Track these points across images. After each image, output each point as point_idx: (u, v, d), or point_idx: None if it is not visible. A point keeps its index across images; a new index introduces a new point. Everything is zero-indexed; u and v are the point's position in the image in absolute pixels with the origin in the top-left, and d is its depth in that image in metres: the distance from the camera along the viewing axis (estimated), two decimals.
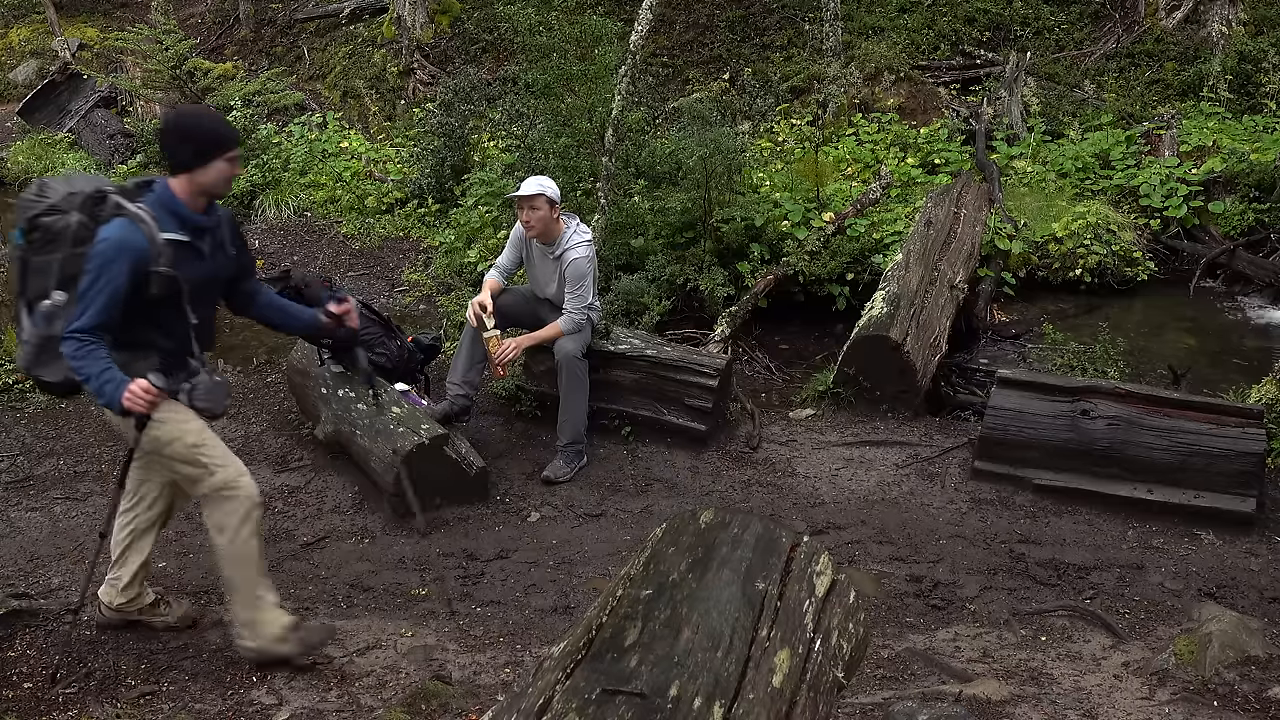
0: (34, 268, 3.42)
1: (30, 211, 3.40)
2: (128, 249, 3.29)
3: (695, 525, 2.32)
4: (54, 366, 3.41)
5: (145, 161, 11.38)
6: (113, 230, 3.30)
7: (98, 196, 3.38)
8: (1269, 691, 3.35)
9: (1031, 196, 8.65)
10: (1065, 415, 5.14)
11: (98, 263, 3.27)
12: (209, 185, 3.45)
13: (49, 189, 3.44)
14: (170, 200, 3.42)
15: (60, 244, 3.37)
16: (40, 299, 3.41)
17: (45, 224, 3.38)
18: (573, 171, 7.87)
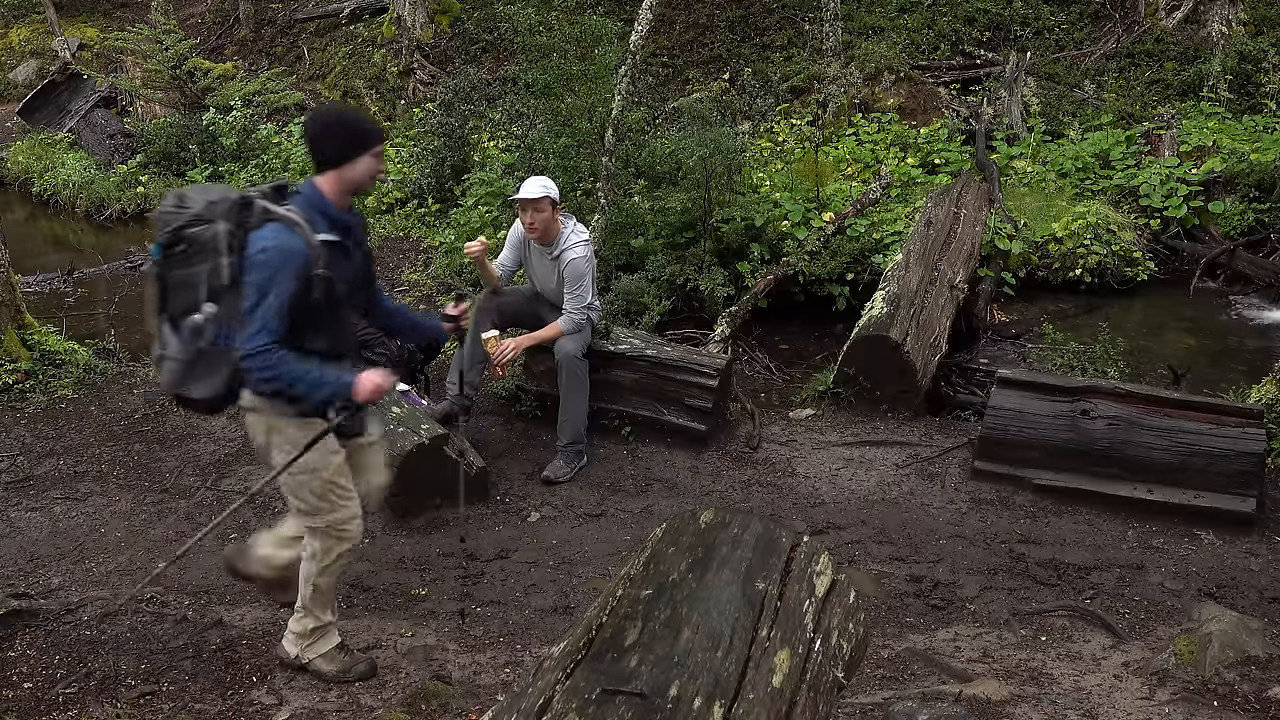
0: (177, 282, 3.28)
1: (173, 223, 3.26)
2: (291, 254, 3.19)
3: (695, 525, 2.32)
4: (202, 382, 3.29)
5: (145, 161, 11.38)
6: (270, 236, 3.20)
7: (243, 203, 3.26)
8: (1269, 691, 3.35)
9: (1031, 196, 8.65)
10: (1065, 415, 5.14)
11: (264, 273, 3.16)
12: (357, 181, 3.38)
13: (189, 199, 3.30)
14: (319, 200, 3.34)
15: (208, 254, 3.22)
16: (186, 314, 3.27)
17: (191, 235, 3.23)
18: (573, 171, 7.87)
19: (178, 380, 3.31)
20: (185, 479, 5.50)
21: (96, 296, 8.93)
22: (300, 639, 3.68)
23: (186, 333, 3.27)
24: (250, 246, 3.20)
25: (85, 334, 7.35)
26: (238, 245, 3.21)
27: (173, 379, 3.32)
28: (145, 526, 5.08)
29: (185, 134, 11.25)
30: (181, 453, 5.74)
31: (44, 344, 6.54)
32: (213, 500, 5.32)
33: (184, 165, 11.18)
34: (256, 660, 3.80)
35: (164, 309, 3.33)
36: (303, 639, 3.68)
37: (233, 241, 3.21)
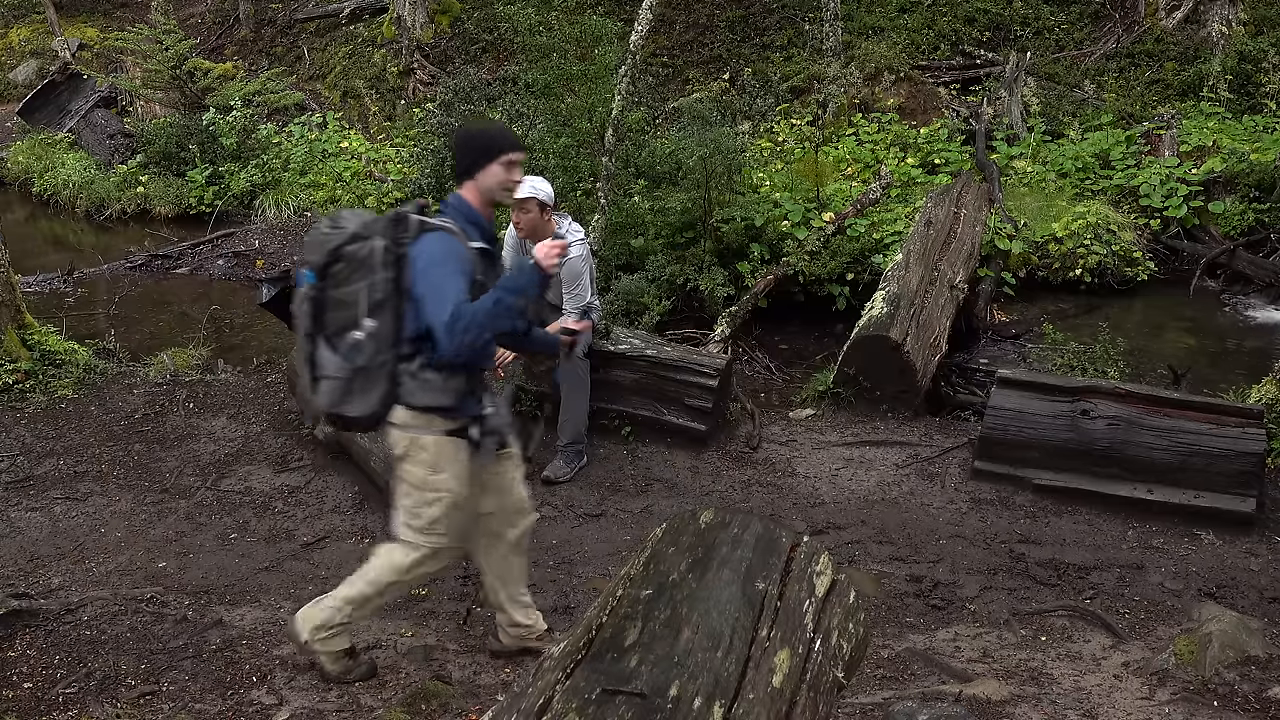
0: (334, 302, 3.29)
1: (330, 244, 3.29)
2: (456, 252, 3.24)
3: (695, 525, 2.31)
4: (360, 400, 3.30)
5: (145, 161, 11.39)
6: (433, 242, 3.24)
7: (397, 219, 3.30)
8: (1269, 691, 3.35)
9: (1031, 196, 8.66)
10: (1065, 415, 5.14)
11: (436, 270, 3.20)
12: (490, 190, 3.39)
13: (343, 220, 3.35)
14: (468, 210, 3.38)
15: (366, 271, 3.25)
16: (341, 333, 3.29)
17: (349, 253, 3.26)
18: (573, 171, 7.87)
19: (336, 399, 3.33)
20: (185, 479, 5.50)
21: (96, 296, 8.93)
22: (320, 629, 3.62)
23: (347, 351, 3.29)
24: (413, 257, 3.24)
25: (85, 334, 7.35)
26: (393, 260, 3.25)
27: (332, 398, 3.33)
28: (145, 526, 5.08)
29: (185, 134, 11.25)
30: (181, 453, 5.74)
31: (44, 344, 6.54)
32: (213, 500, 5.32)
33: (184, 165, 11.18)
34: (256, 660, 3.80)
35: (318, 330, 3.34)
36: (322, 630, 3.62)
37: (388, 257, 3.25)
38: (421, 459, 3.38)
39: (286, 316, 5.47)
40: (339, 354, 3.30)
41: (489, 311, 3.16)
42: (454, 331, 3.14)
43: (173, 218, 10.94)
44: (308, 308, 3.33)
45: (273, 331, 7.40)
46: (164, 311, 8.71)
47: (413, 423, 3.35)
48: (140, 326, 8.23)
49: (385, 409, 3.33)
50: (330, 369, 3.31)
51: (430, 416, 3.34)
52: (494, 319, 3.18)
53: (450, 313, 3.14)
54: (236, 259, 9.77)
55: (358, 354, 3.27)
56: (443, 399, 3.32)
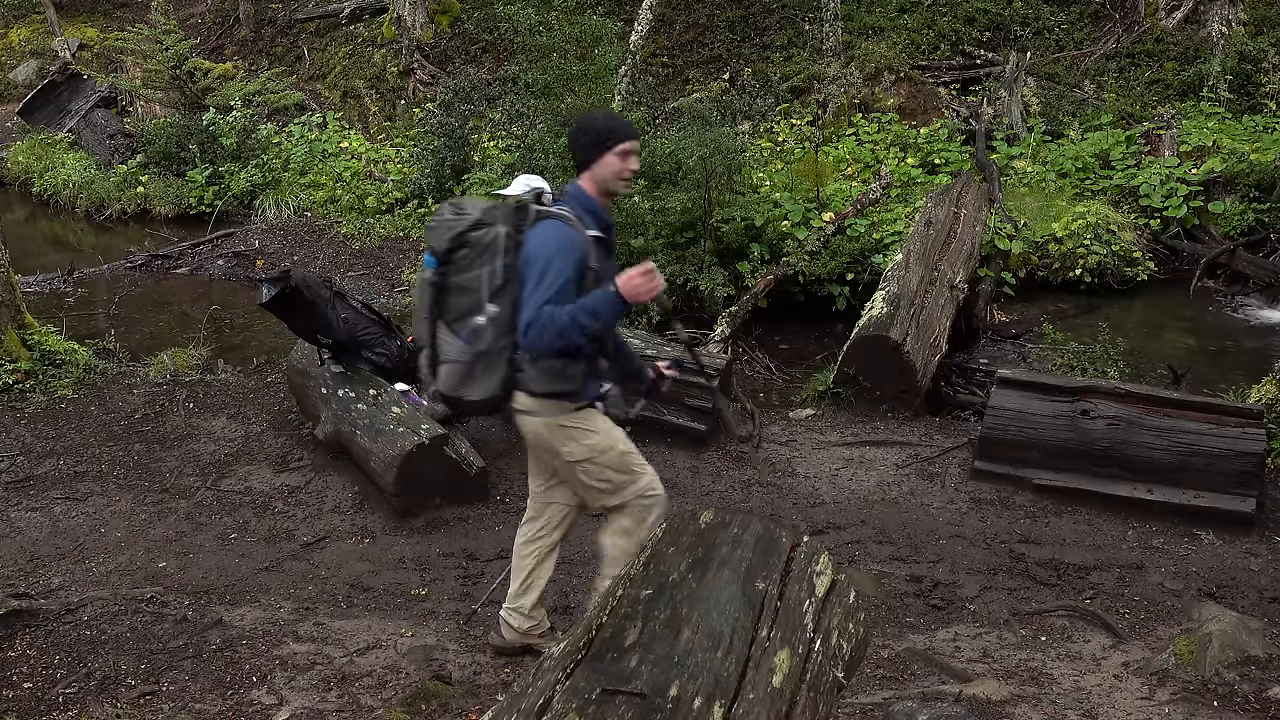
0: (456, 287, 3.35)
1: (454, 230, 3.34)
2: (570, 243, 3.27)
3: (695, 525, 2.31)
4: (480, 383, 3.35)
5: (145, 161, 11.39)
6: (547, 229, 3.29)
7: (519, 205, 3.36)
8: (1269, 691, 3.35)
9: (1031, 196, 8.65)
10: (1065, 415, 5.14)
11: (543, 260, 3.24)
12: (605, 179, 3.42)
13: (466, 206, 3.40)
14: (586, 199, 3.42)
15: (489, 257, 3.31)
16: (463, 317, 3.34)
17: (474, 239, 3.32)
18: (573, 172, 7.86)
19: (457, 383, 3.37)
20: (185, 479, 5.50)
21: (96, 296, 8.93)
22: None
23: (469, 335, 3.34)
24: (528, 244, 3.29)
25: (85, 334, 7.35)
26: (514, 247, 3.31)
27: (452, 382, 3.38)
28: (145, 526, 5.08)
29: (185, 134, 11.25)
30: (181, 453, 5.74)
31: (44, 344, 6.54)
32: (213, 500, 5.32)
33: (184, 165, 11.18)
34: (256, 660, 3.80)
35: (439, 315, 3.39)
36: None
37: (509, 243, 3.31)
38: (571, 434, 3.44)
39: (286, 316, 5.50)
40: (461, 338, 3.35)
41: (562, 325, 3.21)
42: (531, 325, 3.21)
43: (173, 218, 10.95)
44: (430, 292, 3.39)
45: (273, 331, 7.40)
46: (164, 311, 8.71)
47: (539, 409, 3.40)
48: (140, 326, 8.23)
49: (505, 393, 3.38)
50: (452, 353, 3.36)
51: (557, 401, 3.39)
52: (565, 333, 3.22)
53: (532, 312, 3.20)
54: (236, 259, 9.77)
55: (479, 339, 3.32)
56: (564, 384, 3.37)
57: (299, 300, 5.32)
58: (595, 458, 3.46)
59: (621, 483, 3.51)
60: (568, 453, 3.46)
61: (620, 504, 3.55)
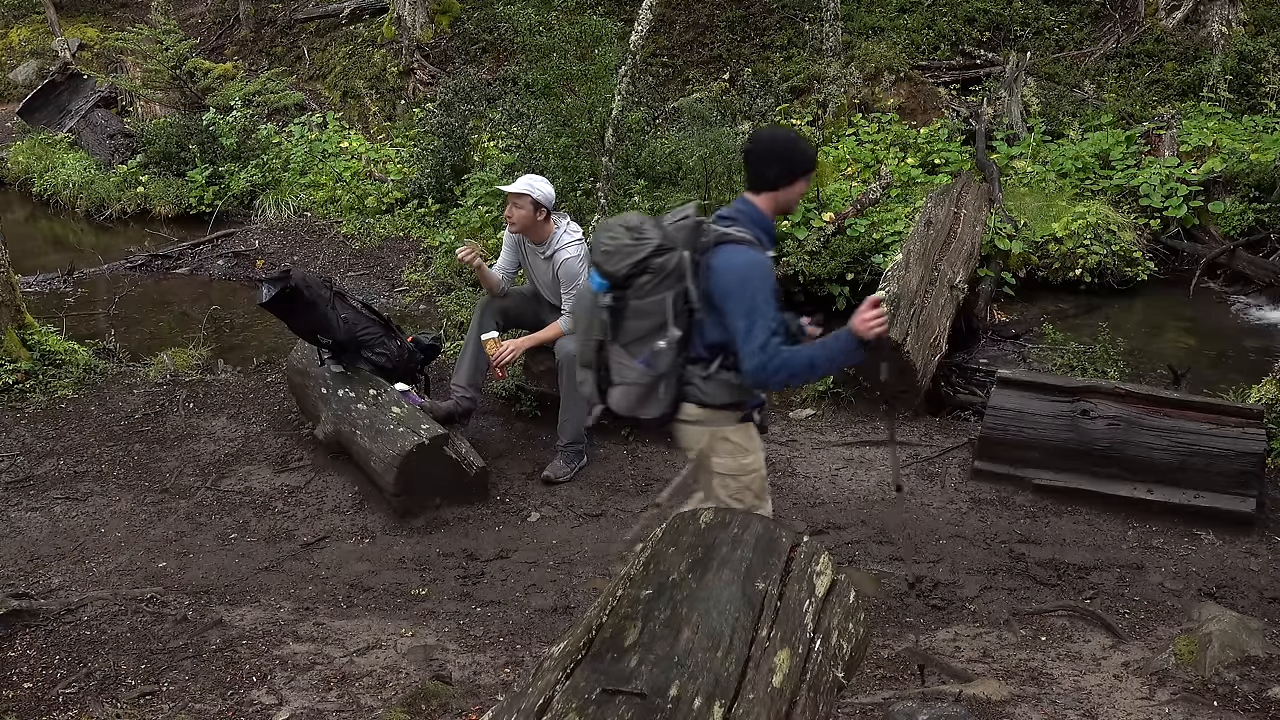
0: (635, 311, 3.36)
1: (635, 256, 3.32)
2: (765, 270, 3.34)
3: (695, 525, 2.31)
4: (655, 403, 3.43)
5: (145, 161, 11.38)
6: (738, 255, 3.33)
7: (696, 226, 3.40)
8: (1269, 691, 3.35)
9: (1031, 196, 8.65)
10: (1065, 415, 5.14)
11: (750, 293, 3.28)
12: (788, 204, 3.51)
13: (643, 230, 3.38)
14: (762, 219, 3.47)
15: (673, 282, 3.33)
16: (642, 341, 3.37)
17: (657, 265, 3.32)
18: (573, 171, 7.87)
19: (634, 404, 3.45)
20: (185, 479, 5.50)
21: (96, 296, 8.93)
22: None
23: (651, 357, 3.37)
24: (716, 270, 3.32)
25: (85, 334, 7.35)
26: (694, 269, 3.34)
27: (629, 403, 3.45)
28: (145, 526, 5.08)
29: (185, 134, 11.25)
30: (181, 453, 5.74)
31: (44, 344, 6.54)
32: (213, 500, 5.32)
33: (184, 165, 11.18)
34: (256, 660, 3.80)
35: (613, 338, 3.42)
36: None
37: (692, 268, 3.34)
38: (728, 449, 3.54)
39: (286, 316, 5.50)
40: (640, 361, 3.38)
41: (798, 369, 3.33)
42: (763, 367, 3.28)
43: (173, 218, 10.94)
44: (605, 316, 3.39)
45: (273, 331, 7.40)
46: (164, 311, 8.71)
47: (709, 419, 3.49)
48: (140, 326, 8.23)
49: (675, 409, 3.47)
50: (631, 376, 3.41)
51: (725, 412, 3.49)
52: (799, 375, 3.37)
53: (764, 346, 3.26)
54: (236, 259, 9.77)
55: (661, 362, 3.36)
56: (737, 396, 3.47)
57: (299, 300, 5.32)
58: (740, 475, 3.58)
59: (752, 506, 3.61)
60: (719, 463, 3.56)
61: None
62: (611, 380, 3.45)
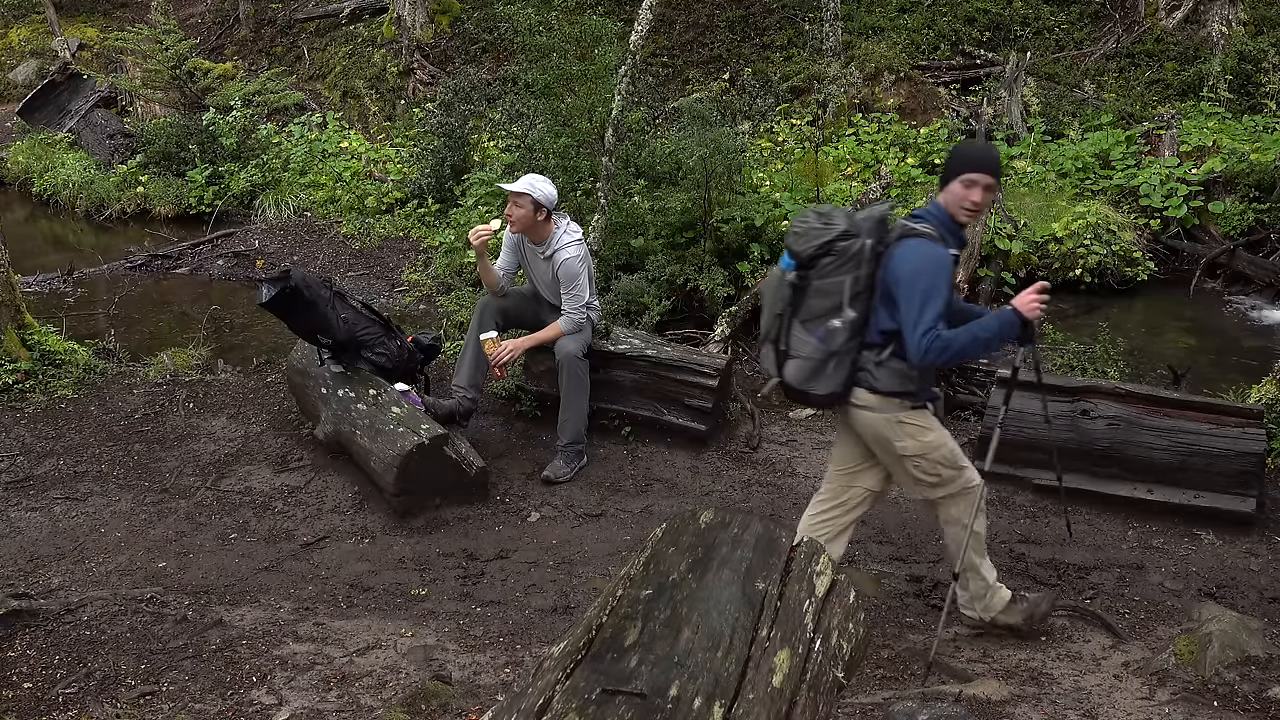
0: (816, 290, 3.60)
1: (821, 238, 3.57)
2: (943, 263, 3.51)
3: (695, 525, 2.31)
4: (828, 380, 3.64)
5: (145, 161, 11.39)
6: (919, 247, 3.51)
7: (882, 219, 3.60)
8: (1269, 691, 3.35)
9: (1031, 196, 8.65)
10: (1065, 415, 5.14)
11: (924, 281, 3.46)
12: (949, 203, 3.62)
13: (832, 216, 3.62)
14: (946, 218, 3.63)
15: (853, 266, 3.55)
16: (819, 319, 3.60)
17: (840, 248, 3.56)
18: (573, 171, 7.87)
19: (806, 378, 3.67)
20: (185, 479, 5.50)
21: (96, 296, 8.93)
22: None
23: (824, 335, 3.62)
24: (896, 259, 3.53)
25: (85, 334, 7.35)
26: (875, 258, 3.57)
27: (801, 376, 3.67)
28: (145, 526, 5.08)
29: (185, 134, 11.25)
30: (181, 453, 5.74)
31: (44, 344, 6.54)
32: (213, 500, 5.32)
33: (184, 165, 11.18)
34: (256, 660, 3.80)
35: (793, 314, 3.66)
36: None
37: (872, 254, 3.56)
38: (908, 430, 3.69)
39: (286, 316, 5.50)
40: (815, 338, 3.63)
41: (962, 347, 3.49)
42: (927, 350, 3.45)
43: (173, 218, 10.94)
44: (787, 292, 3.66)
45: (273, 331, 7.40)
46: (164, 311, 8.71)
47: (880, 406, 3.66)
48: (140, 326, 8.23)
49: (845, 391, 3.67)
50: (805, 351, 3.65)
51: (896, 399, 3.66)
52: (964, 353, 3.55)
53: (926, 331, 3.43)
54: (236, 259, 9.77)
55: (834, 339, 3.60)
56: (908, 385, 3.64)
57: (299, 300, 5.32)
58: (929, 454, 3.71)
59: (949, 477, 3.76)
60: (902, 447, 3.70)
61: (946, 495, 3.79)
62: (789, 354, 3.68)
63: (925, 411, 3.70)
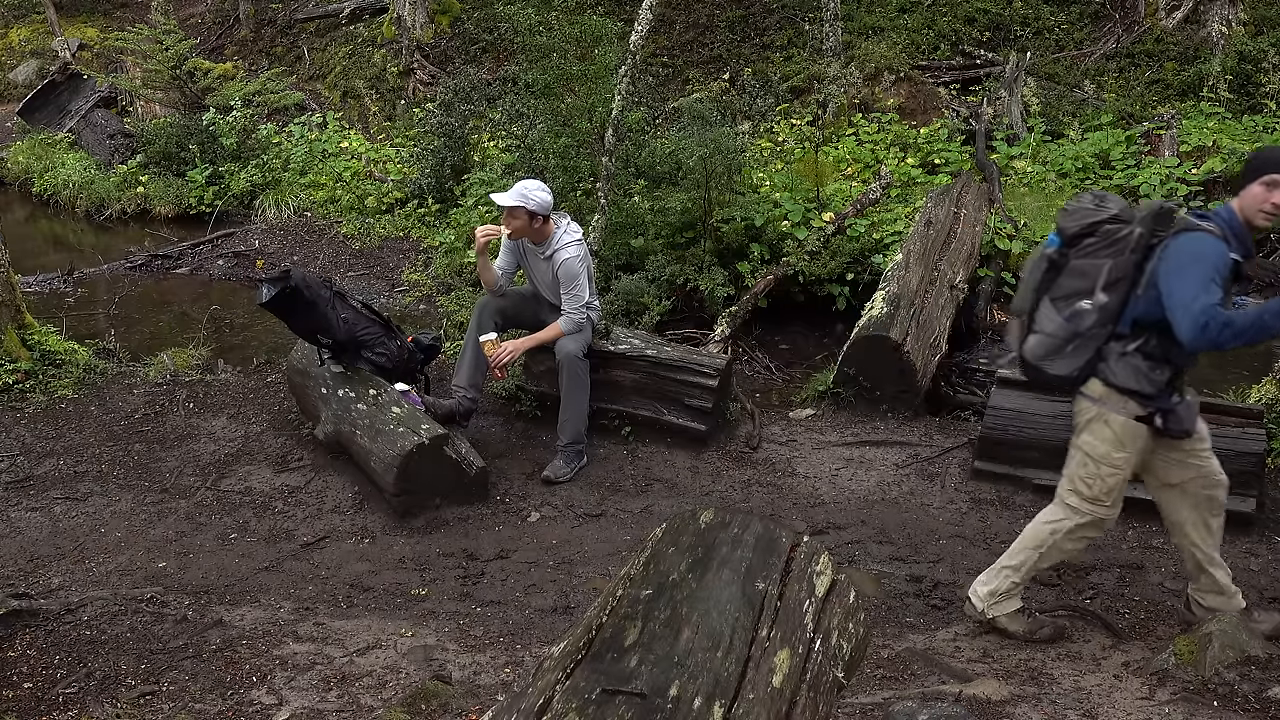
0: (1073, 270, 3.56)
1: (1090, 218, 3.55)
2: (1220, 253, 3.40)
3: (695, 525, 2.31)
4: (1065, 361, 3.59)
5: (145, 161, 11.39)
6: (1203, 240, 3.42)
7: (1164, 212, 3.52)
8: (1269, 691, 3.35)
9: (1031, 196, 8.65)
10: (1065, 415, 5.11)
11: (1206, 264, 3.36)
12: (1246, 207, 3.53)
13: (1108, 201, 3.60)
14: (1235, 222, 3.53)
15: (1116, 251, 3.50)
16: (1070, 298, 3.56)
17: (1107, 230, 3.52)
18: (573, 171, 7.87)
19: (1044, 354, 3.63)
20: (185, 479, 5.50)
21: (96, 296, 8.93)
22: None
23: (1071, 315, 3.57)
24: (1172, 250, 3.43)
25: (85, 334, 7.35)
26: (1144, 247, 3.48)
27: (1041, 352, 3.64)
28: (145, 526, 5.08)
29: (185, 134, 11.25)
30: (181, 453, 5.74)
31: (44, 344, 6.54)
32: (213, 500, 5.32)
33: (184, 165, 11.18)
34: (256, 660, 3.80)
35: (1047, 289, 3.62)
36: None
37: (1139, 243, 3.48)
38: (1106, 435, 3.62)
39: (286, 316, 5.50)
40: (1062, 316, 3.58)
41: (1245, 327, 3.31)
42: (1205, 326, 3.28)
43: (173, 218, 10.95)
44: (1044, 267, 3.63)
45: (273, 331, 7.40)
46: (164, 311, 8.71)
47: (1107, 399, 3.59)
48: (140, 326, 8.23)
49: (1082, 377, 3.61)
50: (1050, 328, 3.61)
51: (1126, 399, 3.56)
52: (1245, 333, 3.33)
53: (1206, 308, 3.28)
54: (236, 259, 9.77)
55: (1080, 320, 3.54)
56: (1145, 386, 3.53)
57: (299, 300, 5.32)
58: (1101, 465, 3.67)
59: (1097, 499, 3.71)
60: (1087, 441, 3.68)
61: (1072, 507, 3.75)
62: (1033, 329, 3.65)
63: (1139, 431, 3.59)
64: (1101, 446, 3.63)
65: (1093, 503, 3.71)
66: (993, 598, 3.89)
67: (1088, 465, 3.69)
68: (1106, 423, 3.61)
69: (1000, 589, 3.88)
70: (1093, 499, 3.71)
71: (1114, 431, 3.60)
